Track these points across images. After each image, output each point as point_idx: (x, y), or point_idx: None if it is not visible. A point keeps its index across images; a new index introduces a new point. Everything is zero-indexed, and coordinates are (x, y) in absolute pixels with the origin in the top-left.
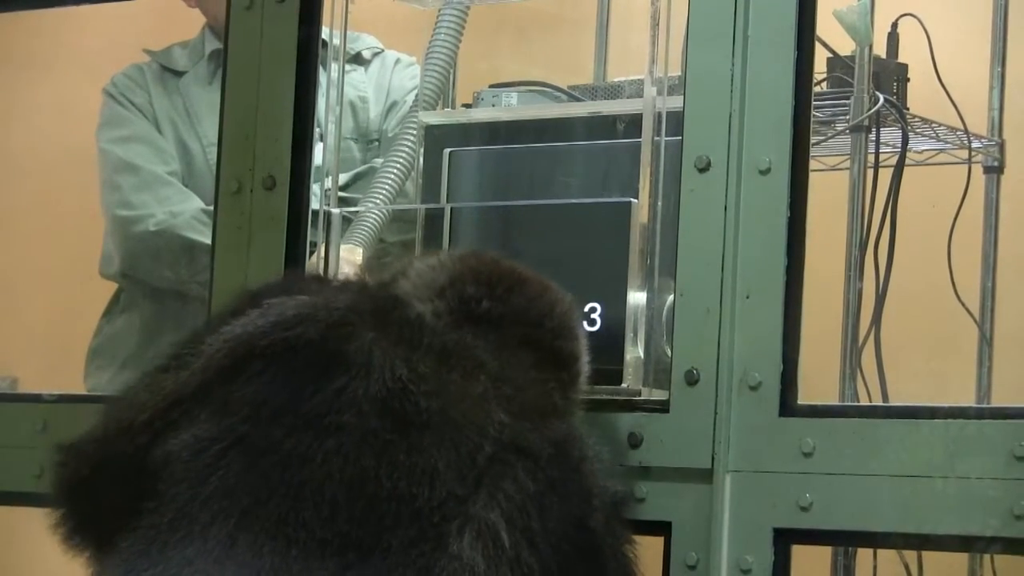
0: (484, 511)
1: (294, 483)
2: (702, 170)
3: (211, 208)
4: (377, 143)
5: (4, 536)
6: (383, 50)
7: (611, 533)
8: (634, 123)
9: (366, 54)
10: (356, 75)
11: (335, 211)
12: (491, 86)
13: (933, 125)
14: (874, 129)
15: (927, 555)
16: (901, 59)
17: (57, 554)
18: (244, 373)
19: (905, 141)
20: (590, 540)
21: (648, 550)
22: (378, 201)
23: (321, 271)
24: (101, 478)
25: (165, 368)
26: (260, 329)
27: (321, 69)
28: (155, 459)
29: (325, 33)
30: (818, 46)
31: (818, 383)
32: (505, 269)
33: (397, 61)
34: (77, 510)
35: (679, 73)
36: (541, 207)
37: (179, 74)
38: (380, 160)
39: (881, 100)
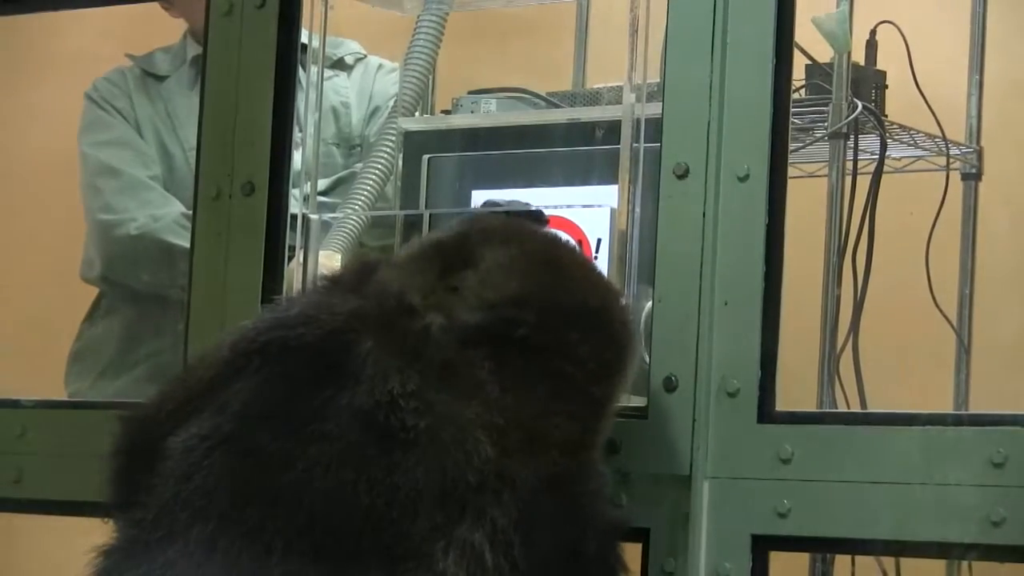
0: (468, 533)
1: (272, 489)
2: (680, 177)
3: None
4: (359, 148)
5: None
6: (366, 55)
7: (603, 561)
8: (613, 130)
9: (348, 59)
10: (339, 80)
11: (314, 216)
12: (470, 92)
13: (911, 132)
14: (852, 136)
15: (905, 561)
16: (879, 66)
17: (37, 558)
18: (244, 370)
19: (883, 148)
20: (582, 569)
21: (626, 557)
22: (357, 207)
23: (300, 277)
24: (134, 460)
25: (199, 362)
26: (264, 324)
27: (302, 73)
28: (160, 453)
29: (306, 37)
30: (797, 53)
31: (796, 390)
32: (578, 299)
33: (380, 67)
34: (118, 486)
35: (658, 80)
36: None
37: (161, 79)
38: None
39: (859, 107)
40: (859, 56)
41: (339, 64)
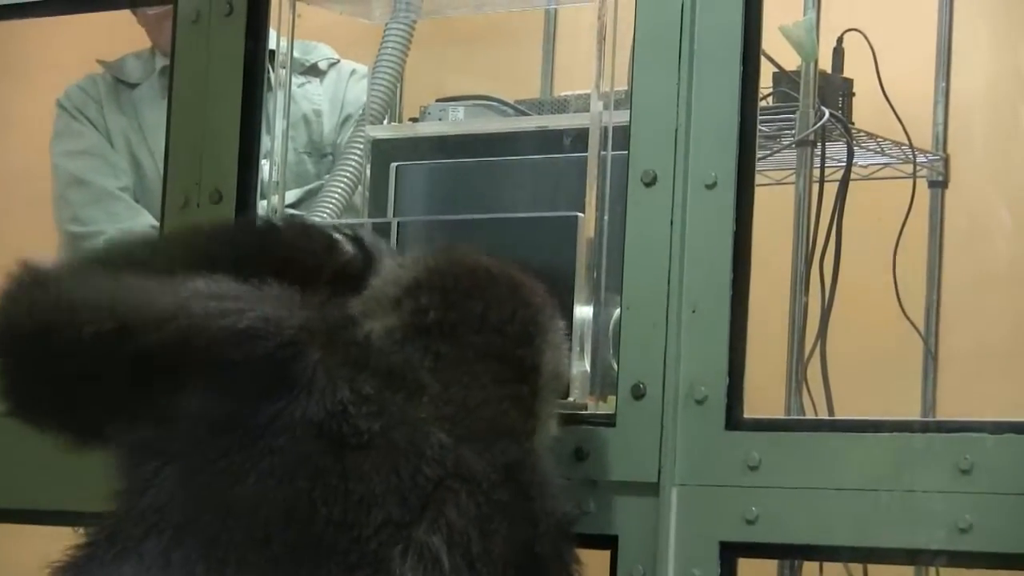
0: (426, 535)
1: (225, 502)
2: (648, 184)
3: None
4: (331, 157)
5: None
6: (339, 60)
7: (558, 556)
8: (580, 137)
9: (322, 65)
10: (311, 88)
11: None
12: (438, 100)
13: (878, 140)
14: (819, 143)
15: (873, 568)
16: (846, 74)
17: (8, 563)
18: (190, 382)
19: (850, 155)
20: (536, 564)
21: (594, 564)
22: (324, 215)
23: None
24: (38, 346)
25: (121, 261)
26: (216, 335)
27: (272, 77)
28: (101, 445)
29: (275, 43)
30: (764, 61)
31: (764, 397)
32: (467, 269)
33: (352, 72)
34: (10, 356)
35: (626, 87)
36: (488, 221)
37: (132, 86)
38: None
39: (826, 115)
40: (826, 64)
41: (312, 70)
